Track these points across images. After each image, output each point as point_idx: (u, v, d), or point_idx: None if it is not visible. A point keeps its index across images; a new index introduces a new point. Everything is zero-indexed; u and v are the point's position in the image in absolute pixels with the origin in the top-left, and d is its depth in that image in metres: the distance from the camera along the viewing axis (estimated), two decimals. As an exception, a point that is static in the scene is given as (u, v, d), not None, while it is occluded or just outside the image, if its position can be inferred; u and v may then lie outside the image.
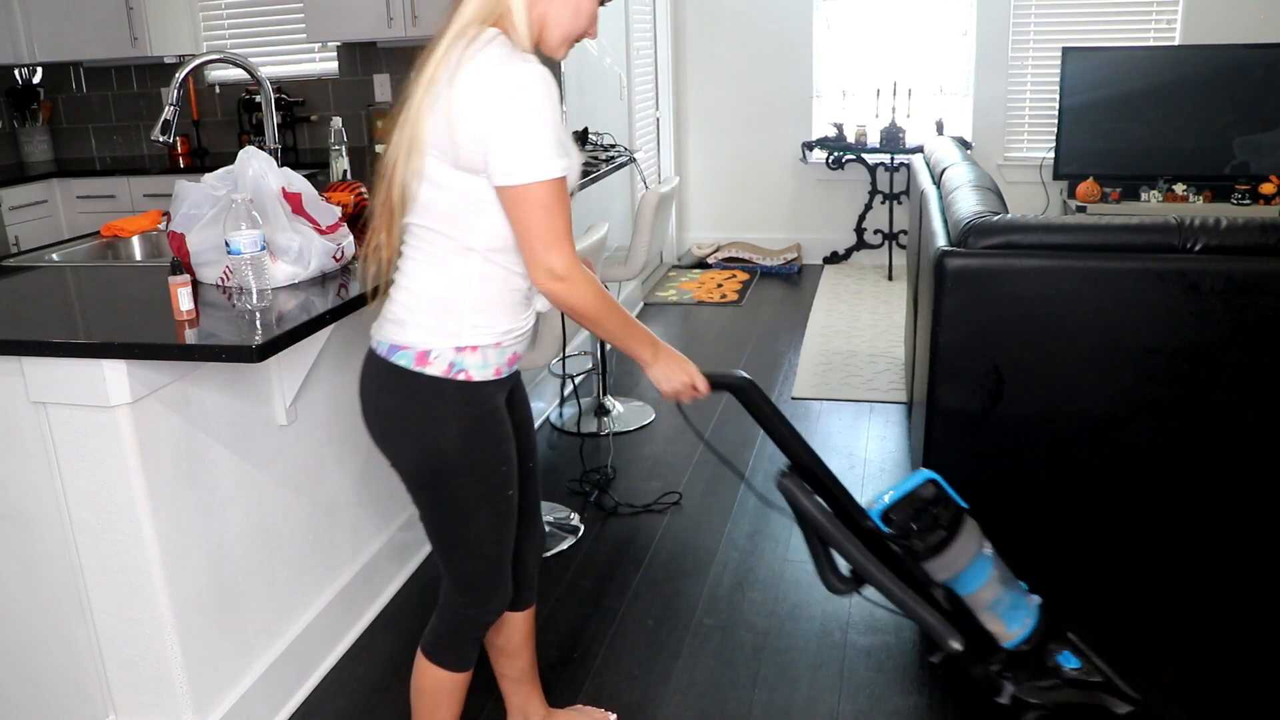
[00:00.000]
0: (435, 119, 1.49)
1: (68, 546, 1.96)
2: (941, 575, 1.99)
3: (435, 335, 1.57)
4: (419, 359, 1.57)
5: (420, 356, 1.57)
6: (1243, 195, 5.29)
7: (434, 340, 1.57)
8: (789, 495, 1.92)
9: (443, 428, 1.60)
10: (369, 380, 1.66)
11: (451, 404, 1.60)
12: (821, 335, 4.94)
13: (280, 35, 5.30)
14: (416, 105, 1.51)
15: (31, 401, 1.87)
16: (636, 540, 3.00)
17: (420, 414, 1.60)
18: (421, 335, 1.58)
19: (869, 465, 3.46)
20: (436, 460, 1.62)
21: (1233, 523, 2.46)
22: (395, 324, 1.60)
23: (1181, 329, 2.32)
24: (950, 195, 2.84)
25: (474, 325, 1.58)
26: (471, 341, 1.58)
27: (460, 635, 1.79)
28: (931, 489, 2.03)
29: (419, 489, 1.69)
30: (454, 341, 1.58)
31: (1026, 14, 5.84)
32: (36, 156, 5.51)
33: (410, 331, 1.58)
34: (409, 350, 1.58)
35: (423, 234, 1.58)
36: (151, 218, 2.97)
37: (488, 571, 1.74)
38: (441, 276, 1.57)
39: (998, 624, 2.04)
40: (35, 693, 2.10)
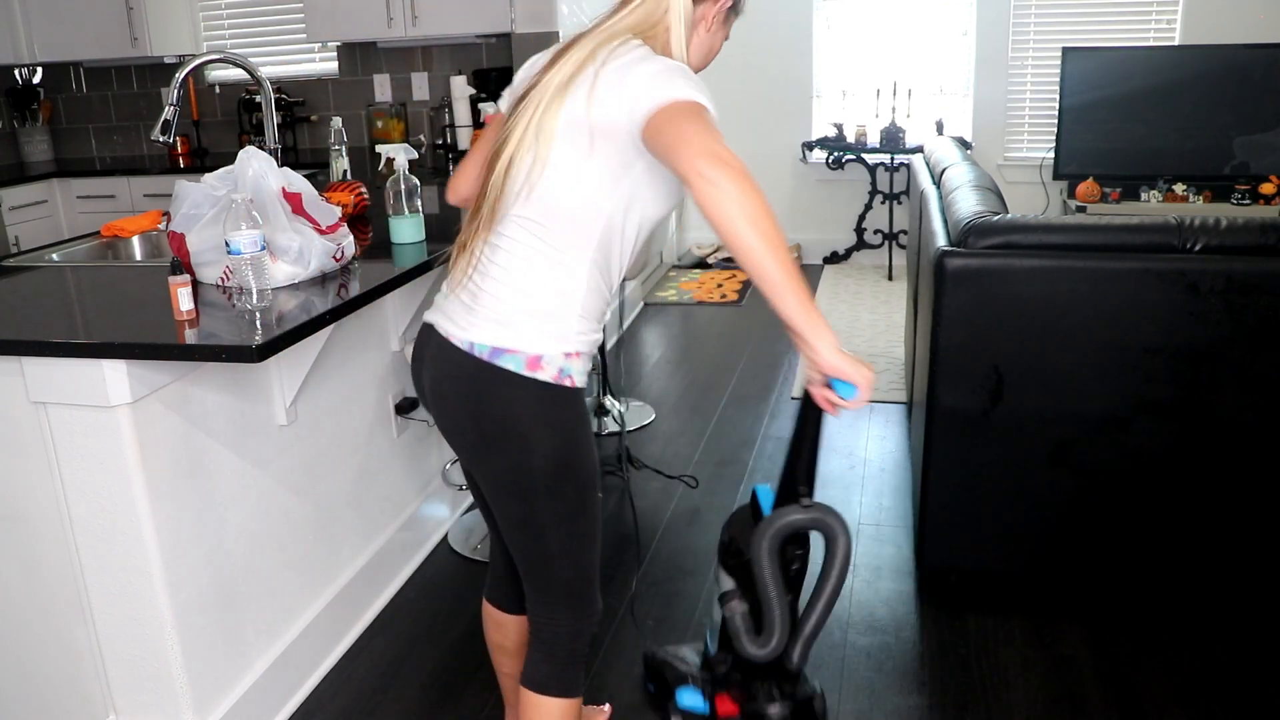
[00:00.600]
0: (573, 100, 1.46)
1: (68, 546, 1.96)
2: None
3: (547, 340, 1.51)
4: (530, 364, 1.50)
5: (532, 361, 1.50)
6: (1243, 195, 5.29)
7: (546, 345, 1.51)
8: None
9: (554, 433, 1.54)
10: (465, 383, 1.55)
11: (561, 409, 1.54)
12: (821, 335, 4.93)
13: (280, 35, 5.30)
14: (548, 98, 1.48)
15: (31, 401, 1.87)
16: (636, 540, 3.00)
17: (531, 419, 1.53)
18: (532, 339, 1.51)
19: (869, 465, 3.46)
20: (549, 466, 1.55)
21: (1232, 522, 2.46)
22: (499, 325, 1.51)
23: (1181, 329, 2.32)
24: (950, 195, 2.84)
25: (579, 331, 1.54)
26: (576, 347, 1.54)
27: (574, 656, 1.70)
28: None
29: (522, 498, 1.59)
30: (563, 346, 1.52)
31: (1026, 14, 5.84)
32: (36, 156, 5.51)
33: (520, 334, 1.51)
34: (519, 354, 1.50)
35: (534, 229, 1.51)
36: (151, 218, 2.98)
37: (590, 578, 1.68)
38: (553, 278, 1.51)
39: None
40: (35, 693, 2.10)
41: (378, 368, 2.66)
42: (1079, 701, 2.23)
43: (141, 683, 2.01)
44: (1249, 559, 2.48)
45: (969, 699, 2.25)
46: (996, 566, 2.65)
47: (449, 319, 1.57)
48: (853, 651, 2.44)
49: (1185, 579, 2.56)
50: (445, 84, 4.86)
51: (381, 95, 5.16)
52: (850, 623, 2.56)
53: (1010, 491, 2.51)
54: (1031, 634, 2.47)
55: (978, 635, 2.48)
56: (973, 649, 2.43)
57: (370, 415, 2.64)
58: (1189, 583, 2.57)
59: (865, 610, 2.61)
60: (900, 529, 3.01)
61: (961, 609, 2.59)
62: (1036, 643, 2.43)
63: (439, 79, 5.03)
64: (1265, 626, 2.44)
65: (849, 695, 2.28)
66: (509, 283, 1.52)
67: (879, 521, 3.06)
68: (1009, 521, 2.54)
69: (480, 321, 1.53)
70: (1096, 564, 2.55)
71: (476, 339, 1.52)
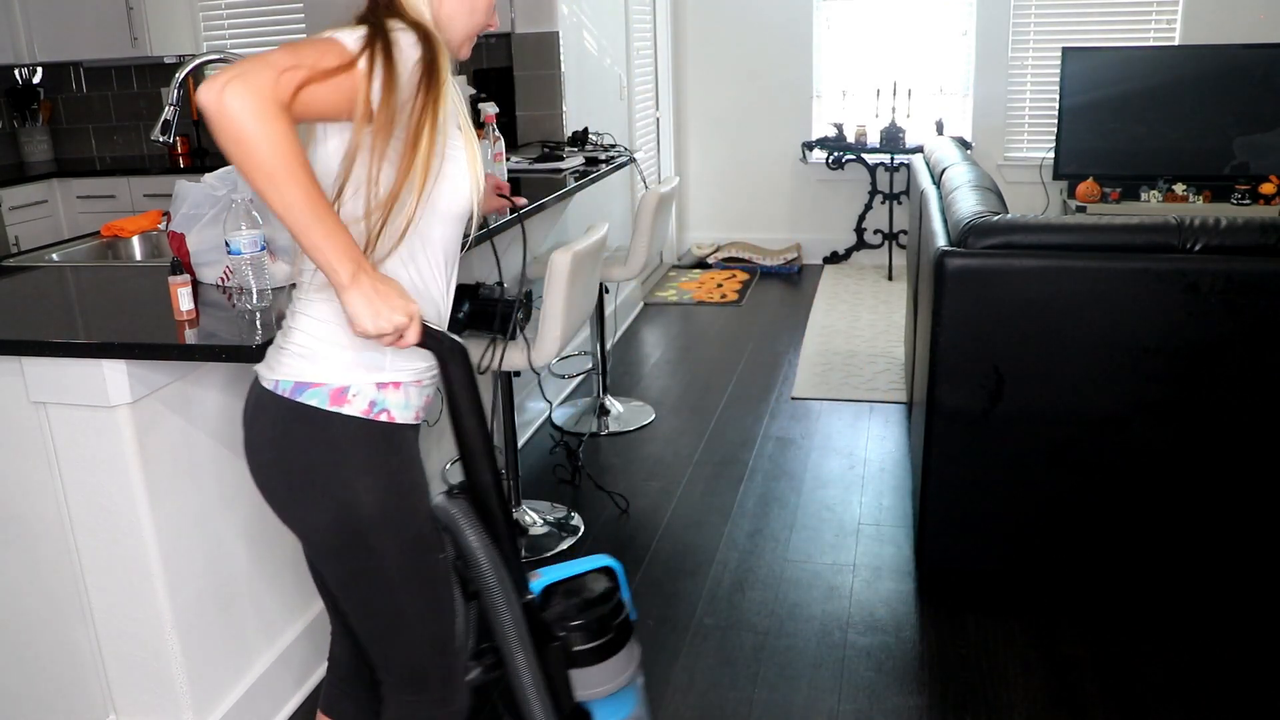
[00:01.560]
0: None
1: (68, 546, 1.96)
2: (582, 692, 1.56)
3: (353, 369, 1.34)
4: (334, 397, 1.33)
5: (336, 395, 1.33)
6: (1243, 195, 5.29)
7: (352, 375, 1.34)
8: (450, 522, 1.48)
9: (363, 478, 1.35)
10: (264, 427, 1.38)
11: (373, 450, 1.36)
12: (821, 335, 4.94)
13: (280, 35, 5.29)
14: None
15: (31, 401, 1.87)
16: (636, 540, 3.00)
17: (336, 464, 1.34)
18: (337, 370, 1.34)
19: (869, 465, 3.46)
20: (356, 519, 1.36)
21: (1232, 522, 2.46)
22: (300, 358, 1.35)
23: (1181, 329, 2.32)
24: (950, 195, 2.84)
25: (395, 355, 1.36)
26: (394, 377, 1.37)
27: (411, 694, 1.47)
28: (606, 582, 1.62)
29: (335, 558, 1.40)
30: (375, 376, 1.35)
31: (1026, 14, 5.84)
32: (36, 156, 5.51)
33: (322, 366, 1.34)
34: (322, 388, 1.33)
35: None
36: (151, 218, 2.97)
37: (435, 657, 1.46)
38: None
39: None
40: (35, 693, 2.10)
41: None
42: (1079, 701, 2.23)
43: (141, 683, 2.01)
44: (1249, 558, 2.48)
45: (969, 699, 2.25)
46: (996, 566, 2.65)
47: (265, 363, 1.42)
48: (853, 651, 2.44)
49: (1185, 579, 2.56)
50: (445, 84, 4.85)
51: (381, 95, 5.15)
52: (850, 623, 2.56)
53: (1010, 491, 2.51)
54: (1031, 634, 2.47)
55: (978, 635, 2.48)
56: (973, 649, 2.43)
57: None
58: (1189, 582, 2.56)
59: (865, 610, 2.61)
60: (900, 529, 3.01)
61: (961, 609, 2.59)
62: (1036, 643, 2.43)
63: (439, 79, 5.02)
64: (1265, 626, 2.44)
65: (849, 695, 2.28)
66: (307, 311, 1.37)
67: (879, 521, 3.07)
68: (1009, 521, 2.54)
69: (283, 358, 1.37)
70: (1096, 564, 2.55)
71: (278, 376, 1.37)
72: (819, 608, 2.62)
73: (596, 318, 3.93)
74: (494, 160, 3.41)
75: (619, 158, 4.13)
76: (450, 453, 3.10)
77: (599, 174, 3.77)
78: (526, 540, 2.98)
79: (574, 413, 3.97)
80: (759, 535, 3.00)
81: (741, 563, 2.85)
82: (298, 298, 1.41)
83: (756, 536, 3.00)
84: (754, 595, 2.68)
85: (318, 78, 1.21)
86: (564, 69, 4.44)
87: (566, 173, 3.70)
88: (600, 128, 4.71)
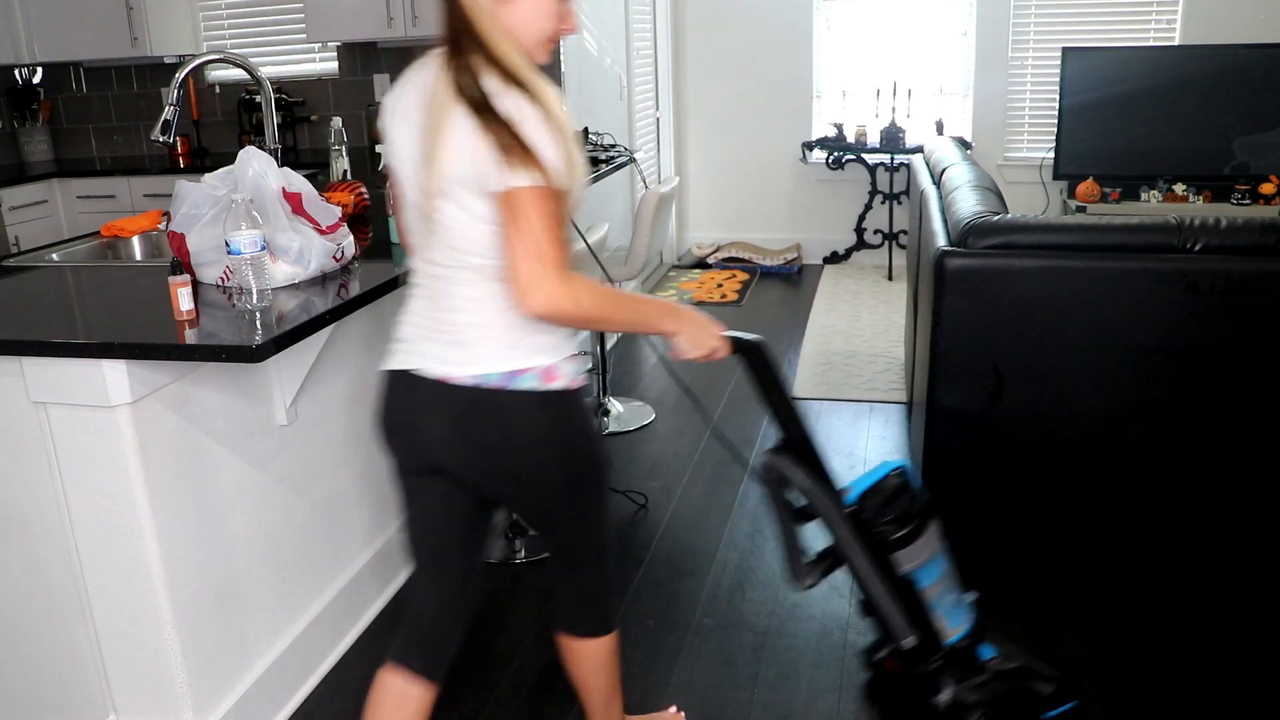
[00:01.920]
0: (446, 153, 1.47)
1: (68, 546, 1.96)
2: (906, 566, 2.00)
3: (553, 351, 1.56)
4: (545, 376, 1.55)
5: (546, 374, 1.55)
6: (1243, 195, 5.29)
7: (553, 355, 1.56)
8: (776, 472, 1.94)
9: (581, 434, 1.62)
10: (493, 420, 1.55)
11: (579, 408, 1.62)
12: (821, 335, 4.94)
13: (280, 35, 5.30)
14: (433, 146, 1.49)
15: (31, 401, 1.87)
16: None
17: (563, 427, 1.59)
18: (541, 354, 1.55)
19: (869, 465, 3.46)
20: (586, 463, 1.64)
21: (1232, 522, 2.46)
22: (504, 349, 1.53)
23: (1181, 329, 2.32)
24: (950, 195, 2.84)
25: (569, 334, 1.61)
26: (572, 350, 1.61)
27: (604, 599, 1.82)
28: (899, 480, 2.03)
29: (573, 498, 1.67)
30: (565, 352, 1.58)
31: (1026, 14, 5.84)
32: (36, 156, 5.51)
33: (523, 354, 1.54)
34: (532, 371, 1.54)
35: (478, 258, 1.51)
36: (151, 218, 2.97)
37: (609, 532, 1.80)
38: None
39: (943, 621, 2.05)
40: (35, 693, 2.10)
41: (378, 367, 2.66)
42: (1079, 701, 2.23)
43: (141, 683, 2.01)
44: (1249, 558, 2.48)
45: (969, 699, 2.25)
46: (996, 566, 2.64)
47: (437, 359, 1.56)
48: (852, 651, 2.44)
49: (1185, 578, 2.56)
50: (445, 84, 4.85)
51: (381, 95, 5.15)
52: (850, 623, 2.56)
53: (1010, 491, 2.51)
54: (1031, 634, 2.47)
55: (978, 635, 2.48)
56: (973, 649, 2.43)
57: (370, 415, 2.63)
58: (1189, 582, 2.56)
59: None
60: (900, 529, 3.01)
61: (961, 609, 2.59)
62: (1036, 642, 2.43)
63: (439, 79, 5.02)
64: (1265, 626, 2.44)
65: (849, 695, 2.28)
66: (488, 309, 1.52)
67: (879, 521, 3.06)
68: (1009, 521, 2.54)
69: (482, 353, 1.53)
70: (1096, 564, 2.55)
71: (482, 371, 1.53)
72: (819, 608, 2.62)
73: (596, 318, 3.92)
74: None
75: (619, 158, 4.13)
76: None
77: (599, 174, 3.78)
78: (526, 540, 2.98)
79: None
80: (759, 535, 3.00)
81: (741, 563, 2.85)
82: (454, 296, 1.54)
83: (756, 536, 3.00)
84: (754, 595, 2.68)
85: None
86: (564, 69, 4.44)
87: (566, 173, 3.69)
88: (600, 128, 4.71)
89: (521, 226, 1.41)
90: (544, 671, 2.40)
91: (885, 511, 1.99)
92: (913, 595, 2.02)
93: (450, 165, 1.44)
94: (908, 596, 2.01)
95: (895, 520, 1.98)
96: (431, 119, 1.46)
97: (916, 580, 2.01)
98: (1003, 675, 2.08)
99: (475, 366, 1.53)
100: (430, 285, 1.57)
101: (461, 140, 1.43)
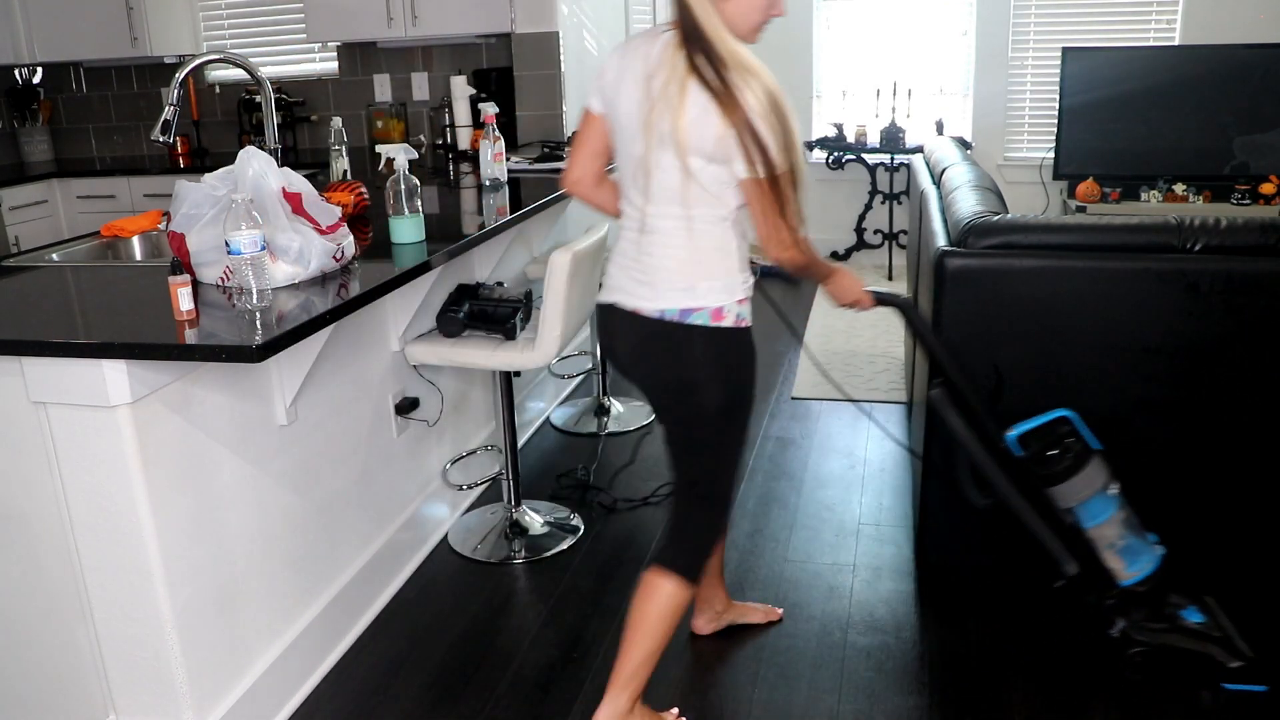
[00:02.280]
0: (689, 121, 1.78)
1: (68, 546, 1.96)
2: (1065, 502, 2.19)
3: (723, 294, 1.88)
4: (714, 316, 1.87)
5: (715, 313, 1.87)
6: (1243, 195, 5.29)
7: (723, 298, 1.88)
8: (937, 407, 2.22)
9: (739, 368, 1.93)
10: (667, 346, 1.90)
11: (742, 347, 1.93)
12: (821, 335, 4.94)
13: (280, 35, 5.30)
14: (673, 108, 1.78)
15: (31, 401, 1.87)
16: (636, 540, 3.00)
17: (724, 360, 1.91)
18: (714, 295, 1.87)
19: (869, 465, 3.46)
20: (737, 395, 1.95)
21: (1232, 522, 2.46)
22: (682, 291, 1.87)
23: (1181, 329, 2.32)
24: (950, 195, 2.84)
25: (741, 281, 1.92)
26: (742, 295, 1.91)
27: (706, 548, 2.06)
28: (1065, 426, 2.22)
29: (717, 426, 1.95)
30: (735, 296, 1.90)
31: (1026, 14, 5.84)
32: (36, 156, 5.51)
33: (701, 295, 1.86)
34: (703, 309, 1.87)
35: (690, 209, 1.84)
36: (151, 218, 2.97)
37: (735, 484, 2.11)
38: (713, 244, 1.87)
39: (1117, 561, 2.20)
40: (35, 693, 2.10)
41: (378, 368, 2.66)
42: (1079, 701, 2.23)
43: (141, 683, 2.01)
44: (1249, 558, 2.48)
45: (969, 699, 2.25)
46: (996, 566, 2.65)
47: (632, 296, 1.93)
48: (853, 651, 2.44)
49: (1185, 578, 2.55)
50: (445, 84, 4.86)
51: (381, 95, 5.16)
52: (850, 623, 2.56)
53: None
54: (1031, 634, 2.47)
55: (978, 635, 2.48)
56: (973, 649, 2.43)
57: (370, 415, 2.64)
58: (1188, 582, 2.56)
59: (865, 610, 2.61)
60: (900, 529, 3.01)
61: (961, 609, 2.59)
62: (1036, 643, 2.43)
63: (439, 79, 5.03)
64: (1265, 626, 2.44)
65: (849, 695, 2.28)
66: (680, 253, 1.87)
67: (879, 521, 3.07)
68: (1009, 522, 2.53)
69: (666, 289, 1.88)
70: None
71: (666, 306, 1.88)
72: (819, 608, 2.62)
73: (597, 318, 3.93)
74: (494, 160, 3.41)
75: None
76: (450, 453, 3.11)
77: (599, 174, 3.77)
78: (526, 540, 2.98)
79: (574, 413, 3.97)
80: (759, 535, 3.00)
81: (741, 563, 2.85)
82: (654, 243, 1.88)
83: (756, 536, 3.00)
84: (754, 595, 2.68)
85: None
86: (564, 69, 4.44)
87: (566, 173, 3.70)
88: (600, 128, 4.70)
89: (764, 203, 1.80)
90: (544, 671, 2.40)
91: (1042, 451, 2.19)
92: (1075, 530, 2.20)
93: (687, 136, 1.76)
94: (1068, 530, 2.20)
95: (1051, 459, 2.18)
96: (668, 92, 1.76)
97: (1079, 517, 2.19)
98: (1182, 630, 2.21)
99: (659, 303, 1.88)
100: (637, 229, 1.90)
101: (701, 119, 1.75)
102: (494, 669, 2.41)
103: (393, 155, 2.53)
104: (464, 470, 3.18)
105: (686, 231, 1.85)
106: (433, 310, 2.78)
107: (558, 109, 4.48)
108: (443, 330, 2.73)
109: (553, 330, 2.62)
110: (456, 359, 2.71)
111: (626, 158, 1.90)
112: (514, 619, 2.62)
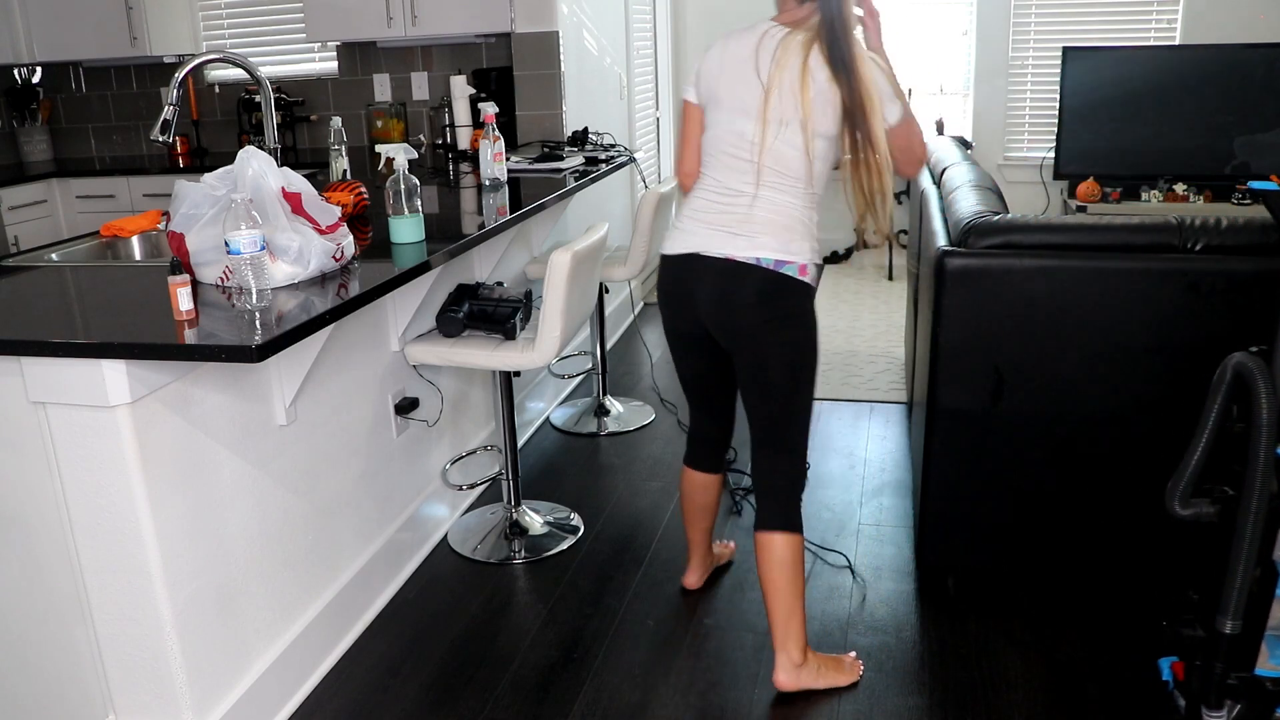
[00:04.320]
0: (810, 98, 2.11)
1: (68, 546, 1.96)
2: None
3: (810, 254, 2.18)
4: (801, 270, 2.16)
5: (802, 269, 2.16)
6: (1243, 195, 5.29)
7: (810, 256, 2.17)
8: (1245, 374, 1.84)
9: (813, 318, 2.21)
10: (756, 287, 2.14)
11: (812, 303, 2.20)
12: (822, 335, 4.90)
13: (280, 35, 5.30)
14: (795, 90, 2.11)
15: (31, 401, 1.87)
16: (636, 540, 3.00)
17: (805, 309, 2.19)
18: (804, 254, 2.16)
19: (869, 465, 3.46)
20: (812, 343, 2.21)
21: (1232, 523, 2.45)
22: (779, 246, 2.14)
23: (1181, 329, 2.32)
24: (950, 195, 2.84)
25: (818, 246, 2.22)
26: (819, 258, 2.21)
27: (796, 495, 2.26)
28: None
29: (796, 369, 2.19)
30: (816, 258, 2.20)
31: (1026, 14, 5.84)
32: (36, 156, 5.51)
33: (795, 251, 2.14)
34: (794, 263, 2.14)
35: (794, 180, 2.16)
36: (151, 218, 2.97)
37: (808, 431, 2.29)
38: (805, 211, 2.19)
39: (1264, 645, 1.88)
40: (35, 693, 2.10)
41: (378, 368, 2.66)
42: (1079, 701, 2.23)
43: (141, 683, 2.01)
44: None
45: (969, 699, 2.25)
46: (997, 566, 2.64)
47: (722, 245, 2.15)
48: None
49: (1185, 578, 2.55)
50: (445, 84, 4.85)
51: (381, 95, 5.16)
52: (850, 623, 2.56)
53: (1010, 491, 2.51)
54: (1031, 634, 2.47)
55: (978, 635, 2.48)
56: (973, 649, 2.43)
57: (370, 415, 2.64)
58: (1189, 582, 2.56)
59: (865, 610, 2.61)
60: (900, 529, 3.01)
61: (961, 609, 2.59)
62: (1036, 643, 2.43)
63: (439, 79, 5.03)
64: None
65: (849, 695, 2.28)
66: (780, 217, 2.15)
67: (879, 521, 3.07)
68: (1009, 521, 2.54)
69: (764, 242, 2.14)
70: (1097, 564, 2.55)
71: (762, 254, 2.13)
72: (819, 608, 2.62)
73: (596, 318, 3.93)
74: (493, 160, 3.41)
75: (619, 157, 4.13)
76: (450, 453, 3.11)
77: (599, 174, 3.77)
78: (526, 540, 2.98)
79: (574, 413, 3.97)
80: (759, 535, 3.00)
81: (741, 563, 2.85)
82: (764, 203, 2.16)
83: (756, 536, 2.99)
84: (754, 595, 2.68)
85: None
86: (564, 69, 4.44)
87: (566, 173, 3.70)
88: (600, 127, 4.71)
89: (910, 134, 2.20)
90: (544, 671, 2.40)
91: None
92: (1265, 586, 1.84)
93: (812, 115, 2.08)
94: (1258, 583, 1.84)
95: None
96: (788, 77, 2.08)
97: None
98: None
99: (756, 251, 2.13)
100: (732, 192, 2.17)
101: (824, 99, 2.08)
102: (494, 669, 2.41)
103: (392, 155, 2.53)
104: (464, 470, 3.18)
105: (790, 200, 2.16)
106: (432, 310, 2.78)
107: (557, 109, 4.48)
108: (442, 330, 2.73)
109: (552, 330, 2.62)
110: (456, 359, 2.71)
111: (726, 132, 2.17)
112: (514, 619, 2.62)
